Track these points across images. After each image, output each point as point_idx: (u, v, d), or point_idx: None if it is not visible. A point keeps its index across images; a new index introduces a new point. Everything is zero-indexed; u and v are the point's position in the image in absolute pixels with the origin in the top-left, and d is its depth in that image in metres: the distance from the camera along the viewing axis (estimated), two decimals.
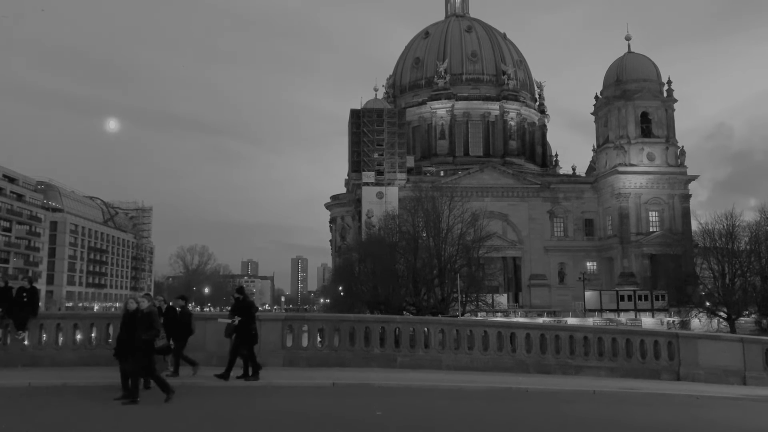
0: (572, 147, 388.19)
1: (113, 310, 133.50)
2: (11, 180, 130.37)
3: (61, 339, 19.61)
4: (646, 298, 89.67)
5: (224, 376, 16.96)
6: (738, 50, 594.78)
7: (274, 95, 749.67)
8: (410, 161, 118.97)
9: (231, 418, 12.68)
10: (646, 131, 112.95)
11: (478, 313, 77.66)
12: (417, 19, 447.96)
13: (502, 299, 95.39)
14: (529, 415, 14.59)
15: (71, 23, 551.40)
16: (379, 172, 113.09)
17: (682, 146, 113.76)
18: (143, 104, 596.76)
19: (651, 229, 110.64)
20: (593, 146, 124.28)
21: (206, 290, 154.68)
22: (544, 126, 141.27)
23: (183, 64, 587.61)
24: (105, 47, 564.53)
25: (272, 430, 11.82)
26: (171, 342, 18.61)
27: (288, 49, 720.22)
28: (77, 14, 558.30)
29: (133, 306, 14.43)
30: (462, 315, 70.80)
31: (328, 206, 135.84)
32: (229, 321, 17.61)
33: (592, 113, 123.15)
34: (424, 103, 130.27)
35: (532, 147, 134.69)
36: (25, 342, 19.08)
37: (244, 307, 17.62)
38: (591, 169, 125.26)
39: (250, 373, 17.31)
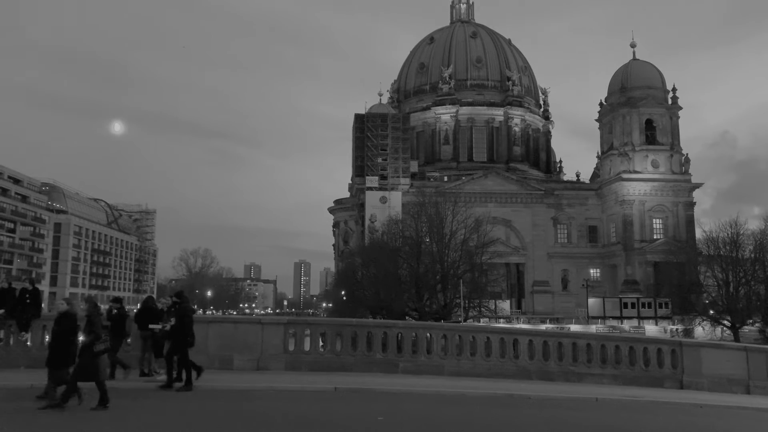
0: (576, 154, 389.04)
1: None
2: (16, 181, 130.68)
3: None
4: (649, 306, 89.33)
5: (169, 384, 16.32)
6: (742, 59, 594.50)
7: (279, 100, 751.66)
8: (414, 166, 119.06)
9: (232, 421, 12.65)
10: (650, 138, 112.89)
11: (481, 319, 77.52)
12: (422, 24, 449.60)
13: (505, 305, 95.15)
14: (531, 422, 14.53)
15: (76, 26, 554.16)
16: (383, 177, 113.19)
17: (687, 154, 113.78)
18: (148, 107, 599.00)
19: (655, 237, 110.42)
20: (597, 153, 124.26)
21: (209, 293, 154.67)
22: (549, 132, 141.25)
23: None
24: (110, 50, 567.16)
25: None
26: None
27: (293, 53, 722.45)
28: (83, 17, 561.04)
29: (63, 308, 13.62)
30: (464, 321, 70.68)
31: (331, 210, 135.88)
32: (159, 327, 17.43)
33: (596, 120, 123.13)
34: (428, 108, 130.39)
35: (536, 153, 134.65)
36: (28, 343, 19.09)
37: (178, 312, 16.99)
38: (595, 175, 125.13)
39: (183, 379, 16.41)
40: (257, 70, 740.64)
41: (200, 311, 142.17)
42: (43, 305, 21.09)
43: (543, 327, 74.46)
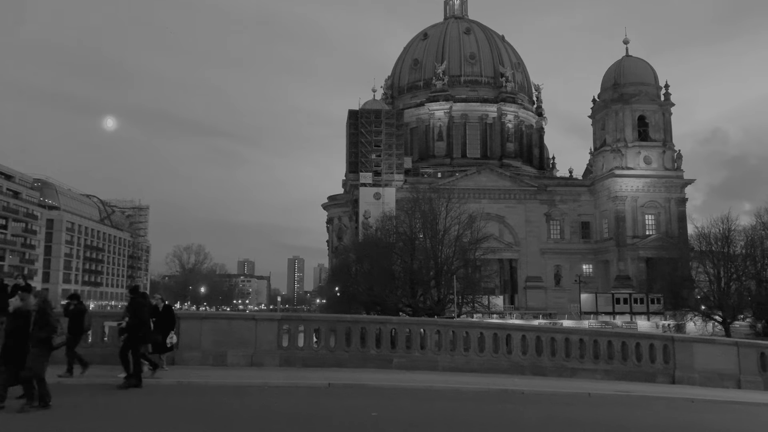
0: (569, 150, 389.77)
1: (109, 308, 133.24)
2: (8, 177, 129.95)
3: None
4: (641, 301, 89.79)
5: (135, 383, 15.62)
6: (734, 56, 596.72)
7: (273, 96, 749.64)
8: (408, 162, 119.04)
9: (226, 417, 12.66)
10: (643, 135, 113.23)
11: (474, 315, 77.71)
12: (416, 20, 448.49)
13: (498, 301, 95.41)
14: (525, 417, 14.60)
15: (71, 22, 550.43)
16: (377, 173, 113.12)
17: (679, 150, 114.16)
18: (142, 104, 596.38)
19: (647, 233, 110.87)
20: (590, 149, 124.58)
21: (202, 289, 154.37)
22: (542, 128, 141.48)
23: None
24: (105, 47, 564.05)
25: (268, 430, 11.81)
26: (174, 339, 18.70)
27: (287, 51, 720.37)
28: (78, 14, 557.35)
29: (16, 304, 13.08)
30: (458, 316, 70.83)
31: (325, 207, 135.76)
32: (116, 324, 17.35)
33: (589, 116, 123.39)
34: (422, 104, 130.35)
35: (530, 149, 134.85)
36: None
37: (132, 307, 16.54)
38: (588, 172, 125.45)
39: (132, 373, 15.84)
40: (252, 67, 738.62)
41: (193, 307, 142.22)
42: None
43: (536, 322, 74.85)
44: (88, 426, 11.67)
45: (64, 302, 18.42)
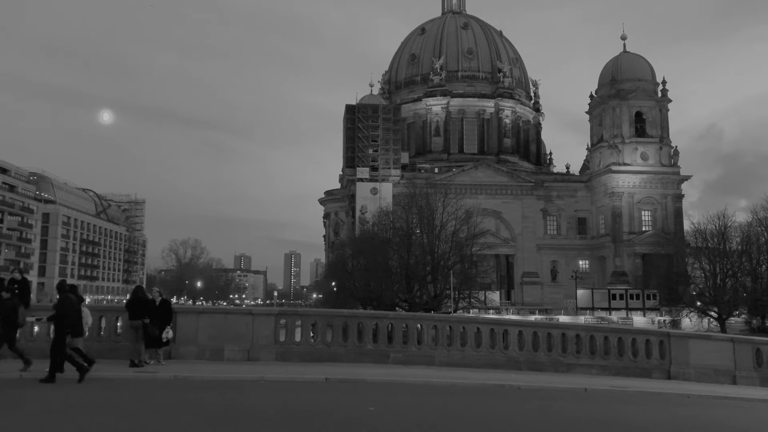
0: (566, 146, 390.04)
1: (105, 302, 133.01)
2: (3, 171, 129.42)
3: (52, 331, 19.47)
4: (637, 297, 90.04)
5: (49, 378, 15.31)
6: (730, 52, 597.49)
7: (270, 91, 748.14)
8: (405, 158, 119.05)
9: (222, 411, 12.65)
10: (640, 131, 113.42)
11: (471, 310, 77.86)
12: (413, 15, 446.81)
13: (495, 296, 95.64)
14: (521, 412, 14.63)
15: (65, 16, 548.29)
16: (374, 168, 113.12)
17: (676, 146, 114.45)
18: (137, 98, 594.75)
19: (643, 229, 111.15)
20: (587, 145, 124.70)
21: (199, 284, 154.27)
22: (539, 124, 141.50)
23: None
24: (99, 40, 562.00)
25: (265, 425, 11.80)
26: (170, 334, 18.70)
27: (284, 44, 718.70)
28: (72, 7, 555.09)
29: None
30: (454, 312, 70.95)
31: (322, 201, 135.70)
32: (34, 319, 17.45)
33: (586, 112, 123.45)
34: (419, 99, 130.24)
35: (527, 145, 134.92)
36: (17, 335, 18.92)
37: (58, 303, 16.27)
38: (585, 167, 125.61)
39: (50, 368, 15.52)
40: (248, 61, 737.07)
41: (190, 302, 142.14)
42: (31, 295, 20.90)
43: (532, 318, 74.93)
44: (83, 420, 11.66)
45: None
